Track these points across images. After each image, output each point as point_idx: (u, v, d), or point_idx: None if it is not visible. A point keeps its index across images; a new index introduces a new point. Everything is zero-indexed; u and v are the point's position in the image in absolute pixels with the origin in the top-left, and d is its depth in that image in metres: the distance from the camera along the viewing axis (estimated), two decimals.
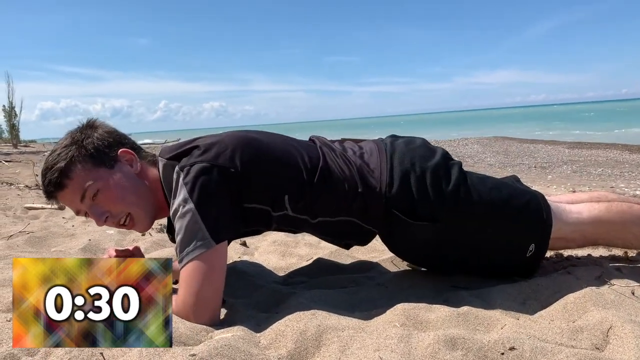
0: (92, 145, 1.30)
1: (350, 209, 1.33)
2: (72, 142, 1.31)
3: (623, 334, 1.04)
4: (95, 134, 1.33)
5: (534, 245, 1.40)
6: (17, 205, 3.39)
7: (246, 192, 1.26)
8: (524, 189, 1.46)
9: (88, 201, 1.29)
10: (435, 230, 1.33)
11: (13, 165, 6.98)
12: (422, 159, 1.37)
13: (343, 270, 1.75)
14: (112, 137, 1.36)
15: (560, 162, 7.70)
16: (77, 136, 1.32)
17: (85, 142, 1.31)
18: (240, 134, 1.34)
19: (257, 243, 2.26)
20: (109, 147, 1.33)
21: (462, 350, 1.01)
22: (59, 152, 1.29)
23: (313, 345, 1.06)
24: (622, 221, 1.43)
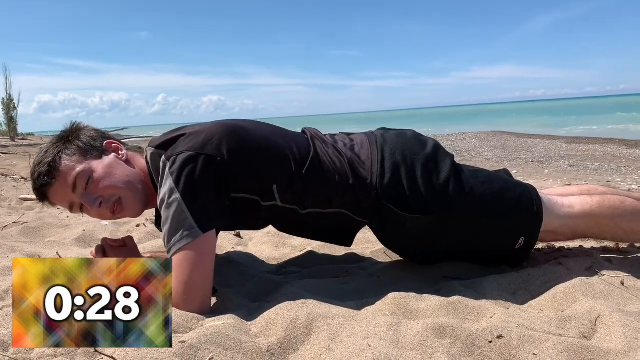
0: (78, 139, 1.36)
1: (342, 200, 1.33)
2: (58, 140, 1.36)
3: (611, 322, 1.05)
4: (81, 131, 1.39)
5: (524, 238, 1.41)
6: (12, 197, 3.38)
7: (234, 181, 1.26)
8: (516, 182, 1.46)
9: (80, 190, 1.30)
10: (426, 222, 1.33)
11: (9, 157, 6.97)
12: (413, 151, 1.37)
13: (336, 260, 1.75)
14: (97, 133, 1.41)
15: (557, 156, 7.70)
16: (64, 134, 1.38)
17: (71, 137, 1.36)
18: (227, 123, 1.34)
19: (251, 234, 2.26)
20: (95, 140, 1.38)
21: (450, 338, 1.01)
22: (47, 150, 1.34)
23: (303, 333, 1.06)
24: (613, 216, 1.43)
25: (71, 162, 1.31)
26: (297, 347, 1.03)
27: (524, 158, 7.63)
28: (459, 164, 1.41)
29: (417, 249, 1.46)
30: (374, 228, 1.43)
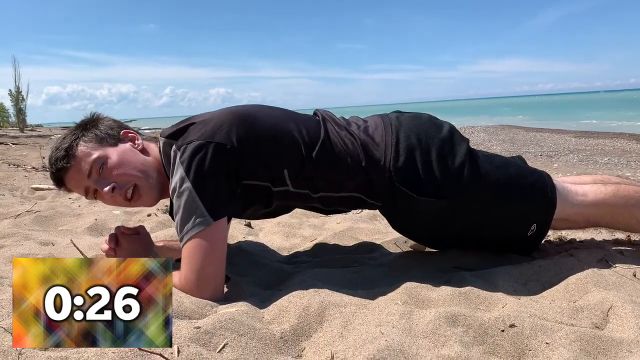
0: (96, 127, 1.39)
1: (354, 183, 1.33)
2: (77, 127, 1.40)
3: (623, 313, 1.05)
4: (100, 121, 1.43)
5: (536, 225, 1.40)
6: (24, 186, 3.41)
7: (244, 168, 1.26)
8: (530, 169, 1.45)
9: (95, 175, 1.32)
10: (439, 206, 1.32)
11: (20, 148, 7.02)
12: (429, 134, 1.36)
13: (346, 251, 1.76)
14: (115, 123, 1.45)
15: (566, 150, 7.65)
16: (82, 123, 1.41)
17: (89, 125, 1.40)
18: (236, 110, 1.34)
19: (261, 224, 2.27)
20: (112, 129, 1.41)
21: (462, 327, 1.02)
22: (65, 136, 1.38)
23: (316, 321, 1.07)
24: (627, 206, 1.42)
25: (87, 149, 1.33)
26: (310, 334, 1.04)
27: (532, 152, 7.59)
28: (475, 149, 1.40)
29: (429, 232, 1.46)
30: (386, 211, 1.42)
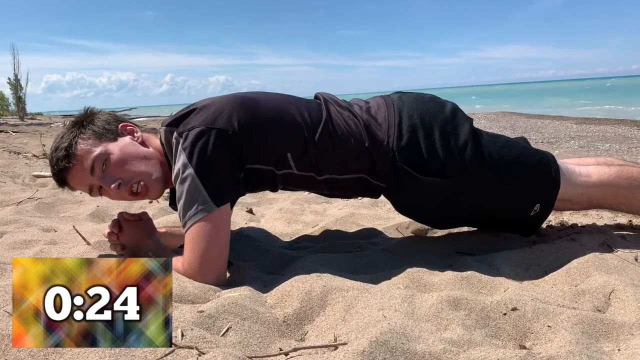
0: (92, 123, 1.36)
1: (357, 164, 1.33)
2: (74, 125, 1.37)
3: (625, 297, 1.06)
4: (95, 116, 1.40)
5: (539, 205, 1.40)
6: (26, 174, 3.41)
7: (247, 152, 1.26)
8: (534, 149, 1.45)
9: (98, 172, 1.30)
10: (442, 185, 1.32)
11: (20, 136, 7.01)
12: (432, 113, 1.36)
13: (348, 236, 1.76)
14: (111, 117, 1.42)
15: (567, 137, 7.63)
16: (78, 120, 1.38)
17: (85, 122, 1.37)
18: (236, 95, 1.34)
19: (263, 210, 2.27)
20: (109, 123, 1.38)
21: (465, 310, 1.02)
22: (62, 135, 1.35)
23: (318, 305, 1.08)
24: (631, 187, 1.42)
25: (87, 146, 1.31)
26: (312, 318, 1.05)
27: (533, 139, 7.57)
28: (478, 129, 1.39)
29: (432, 212, 1.46)
30: (389, 192, 1.42)
